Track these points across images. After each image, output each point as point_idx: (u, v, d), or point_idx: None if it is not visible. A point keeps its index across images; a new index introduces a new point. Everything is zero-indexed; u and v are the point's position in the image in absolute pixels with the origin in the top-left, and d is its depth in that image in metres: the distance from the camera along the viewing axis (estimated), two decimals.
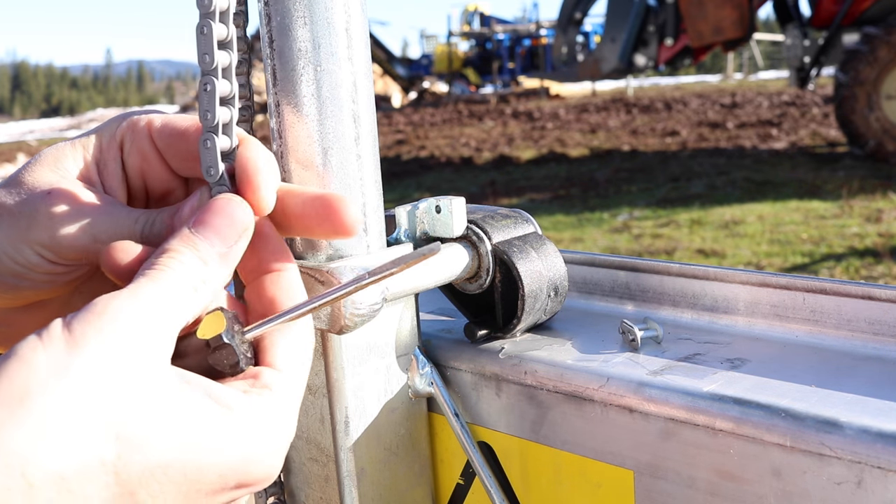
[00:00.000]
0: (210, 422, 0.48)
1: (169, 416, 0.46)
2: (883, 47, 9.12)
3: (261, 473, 0.51)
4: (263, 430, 0.50)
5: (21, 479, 0.41)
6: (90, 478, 0.43)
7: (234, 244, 0.55)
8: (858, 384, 0.69)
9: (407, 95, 27.68)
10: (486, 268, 0.84)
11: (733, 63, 31.62)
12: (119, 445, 0.44)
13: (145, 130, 0.63)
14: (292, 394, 0.54)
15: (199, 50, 0.57)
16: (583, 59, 13.66)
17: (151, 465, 0.45)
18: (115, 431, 0.44)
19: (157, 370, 0.47)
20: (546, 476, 0.80)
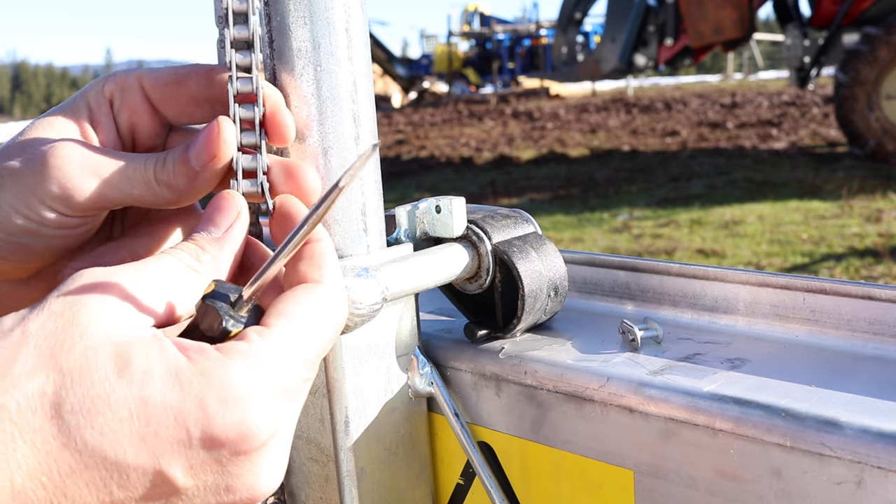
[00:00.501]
0: (161, 362, 0.46)
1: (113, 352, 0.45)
2: (883, 47, 9.11)
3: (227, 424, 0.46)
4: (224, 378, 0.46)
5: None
6: (34, 409, 0.43)
7: (228, 227, 0.57)
8: (858, 384, 0.69)
9: (407, 95, 27.68)
10: (486, 268, 0.84)
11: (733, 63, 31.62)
12: (60, 377, 0.44)
13: (136, 85, 0.64)
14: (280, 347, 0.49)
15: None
16: (583, 59, 13.67)
17: (92, 396, 0.44)
18: (59, 365, 0.44)
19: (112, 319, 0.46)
20: (546, 476, 0.80)
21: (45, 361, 0.44)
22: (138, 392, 0.44)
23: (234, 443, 0.46)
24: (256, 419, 0.47)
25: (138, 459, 0.44)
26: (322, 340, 0.53)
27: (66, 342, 0.45)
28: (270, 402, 0.48)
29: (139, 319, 0.48)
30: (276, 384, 0.48)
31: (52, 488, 0.43)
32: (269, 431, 0.48)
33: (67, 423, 0.43)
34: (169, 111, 0.65)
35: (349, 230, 0.76)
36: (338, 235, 0.76)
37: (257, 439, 0.47)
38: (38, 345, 0.45)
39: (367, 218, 0.77)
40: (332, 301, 0.54)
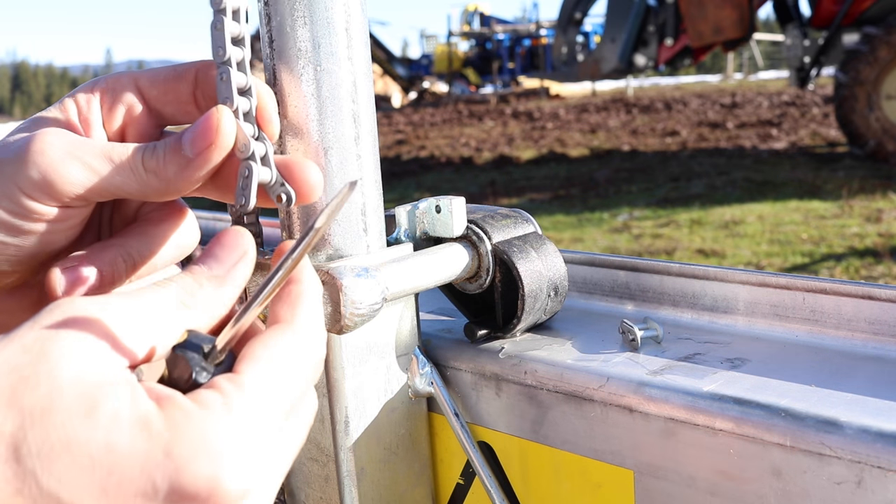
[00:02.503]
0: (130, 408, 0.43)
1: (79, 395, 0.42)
2: (883, 47, 9.11)
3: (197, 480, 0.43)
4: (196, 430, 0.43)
5: None
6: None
7: (231, 267, 0.53)
8: (858, 384, 0.69)
9: (407, 95, 27.68)
10: (486, 268, 0.84)
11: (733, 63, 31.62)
12: (20, 417, 0.41)
13: (131, 84, 0.62)
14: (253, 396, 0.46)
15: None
16: (583, 59, 13.66)
17: (52, 440, 0.40)
18: (20, 405, 0.41)
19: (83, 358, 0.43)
20: (546, 476, 0.80)
21: (5, 399, 0.41)
22: (103, 438, 0.41)
23: (204, 498, 0.43)
24: (229, 474, 0.44)
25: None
26: (297, 385, 0.49)
27: (32, 379, 0.41)
28: (244, 456, 0.45)
29: (115, 360, 0.45)
30: (250, 437, 0.46)
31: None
32: (243, 488, 0.45)
33: (24, 466, 0.40)
34: (167, 109, 0.63)
35: (349, 230, 0.76)
36: (338, 235, 0.76)
37: (228, 496, 0.44)
38: (1, 380, 0.41)
39: (367, 218, 0.77)
40: (306, 343, 0.51)
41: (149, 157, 0.58)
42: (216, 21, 0.59)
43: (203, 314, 0.51)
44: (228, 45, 0.59)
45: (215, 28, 0.59)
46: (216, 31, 0.59)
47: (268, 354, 0.49)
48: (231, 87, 0.59)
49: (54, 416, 0.41)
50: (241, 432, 0.45)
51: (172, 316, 0.49)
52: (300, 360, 0.50)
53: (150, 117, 0.63)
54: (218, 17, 0.59)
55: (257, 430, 0.46)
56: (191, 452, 0.43)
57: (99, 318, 0.45)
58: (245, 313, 0.49)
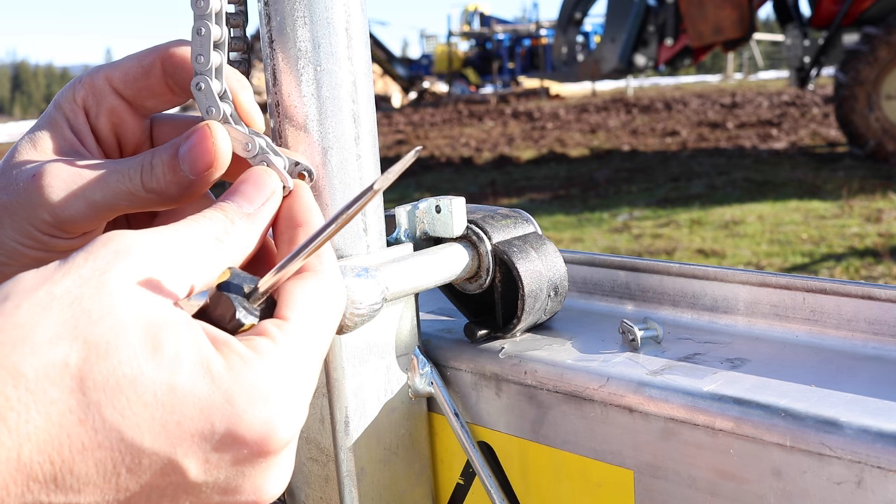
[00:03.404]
0: (187, 348, 0.44)
1: (143, 332, 0.43)
2: (883, 47, 9.11)
3: (254, 424, 0.45)
4: (252, 375, 0.45)
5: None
6: (53, 379, 0.41)
7: (260, 205, 0.55)
8: (858, 384, 0.69)
9: (407, 95, 27.68)
10: (486, 268, 0.84)
11: (733, 63, 31.63)
12: (86, 349, 0.42)
13: (108, 87, 0.63)
14: (298, 344, 0.49)
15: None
16: (583, 59, 13.67)
17: (118, 375, 0.42)
18: (84, 336, 0.42)
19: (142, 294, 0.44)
20: (546, 476, 0.80)
21: (69, 331, 0.42)
22: (167, 378, 0.43)
23: (257, 443, 0.45)
24: (284, 419, 0.46)
25: (155, 446, 0.42)
26: (331, 331, 0.52)
27: (95, 312, 0.42)
28: (296, 402, 0.47)
29: (167, 294, 0.46)
30: (300, 383, 0.48)
31: (59, 464, 0.41)
32: (293, 433, 0.47)
33: (88, 398, 0.41)
34: (148, 103, 0.64)
35: (349, 230, 0.76)
36: (338, 235, 0.76)
37: (280, 441, 0.46)
38: (63, 311, 0.42)
39: (367, 218, 0.77)
40: (335, 288, 0.53)
41: (148, 180, 0.60)
42: (199, 26, 0.58)
43: (236, 250, 0.52)
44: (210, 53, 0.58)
45: (198, 34, 0.58)
46: (199, 36, 0.58)
47: (306, 300, 0.51)
48: (213, 95, 0.59)
49: (120, 352, 0.42)
50: (292, 380, 0.47)
51: (210, 251, 0.50)
52: (332, 305, 0.52)
53: (134, 114, 0.65)
54: (202, 22, 0.58)
55: (304, 376, 0.48)
56: (249, 399, 0.45)
57: (150, 251, 0.46)
58: (291, 261, 0.50)
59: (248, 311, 0.49)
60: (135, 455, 0.42)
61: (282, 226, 0.57)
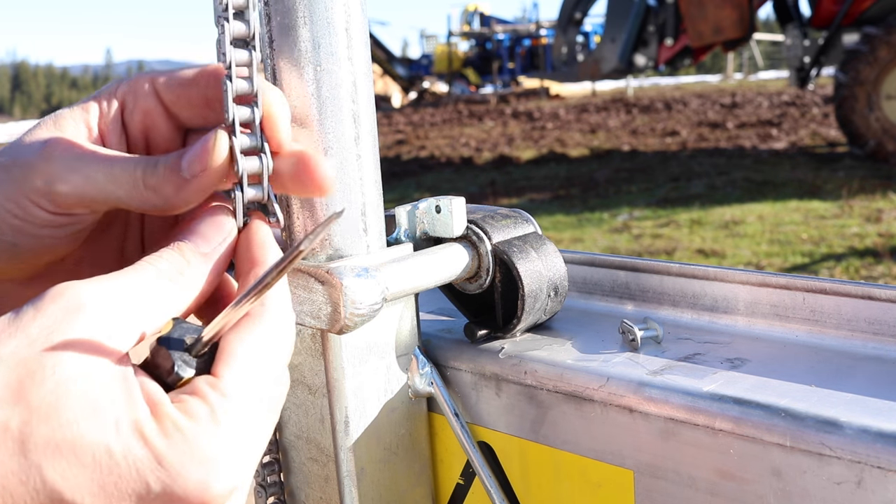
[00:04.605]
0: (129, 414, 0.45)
1: (87, 396, 0.44)
2: (883, 47, 9.11)
3: (189, 485, 0.46)
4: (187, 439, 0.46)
5: None
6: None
7: (217, 245, 0.55)
8: (858, 384, 0.69)
9: (407, 95, 27.68)
10: (486, 268, 0.84)
11: (733, 63, 31.62)
12: (29, 413, 0.42)
13: (149, 88, 0.63)
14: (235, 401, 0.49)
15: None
16: (583, 59, 13.67)
17: (58, 439, 0.43)
18: (27, 399, 0.43)
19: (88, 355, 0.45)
20: (546, 476, 0.80)
21: (12, 394, 0.43)
22: (104, 440, 0.44)
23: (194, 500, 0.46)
24: (217, 479, 0.47)
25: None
26: (274, 375, 0.52)
27: (38, 374, 0.43)
28: (232, 461, 0.48)
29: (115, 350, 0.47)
30: (236, 443, 0.49)
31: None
32: (230, 488, 0.48)
33: (29, 461, 0.42)
34: (183, 113, 0.64)
35: (349, 230, 0.76)
36: (338, 235, 0.76)
37: (217, 494, 0.47)
38: (8, 374, 0.43)
39: (367, 218, 0.77)
40: (278, 332, 0.53)
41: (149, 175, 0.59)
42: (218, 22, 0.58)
43: (191, 290, 0.52)
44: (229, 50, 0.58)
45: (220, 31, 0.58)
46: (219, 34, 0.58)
47: (244, 351, 0.51)
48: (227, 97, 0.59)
49: (60, 416, 0.43)
50: (228, 440, 0.48)
51: (165, 293, 0.51)
52: (275, 351, 0.52)
53: (169, 121, 0.64)
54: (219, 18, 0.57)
55: (243, 434, 0.49)
56: (181, 462, 0.46)
57: (101, 305, 0.47)
58: (232, 310, 0.50)
59: (186, 364, 0.49)
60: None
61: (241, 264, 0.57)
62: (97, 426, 0.44)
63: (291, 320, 0.55)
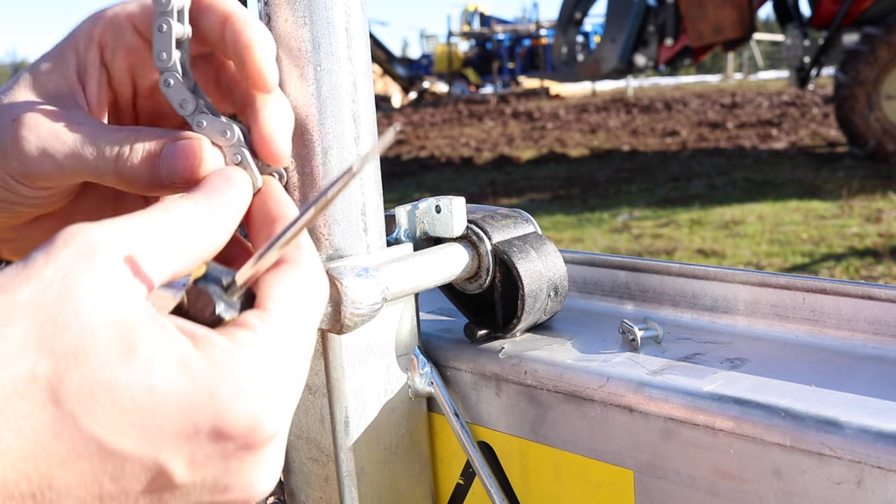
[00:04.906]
0: (163, 347, 0.42)
1: (114, 335, 0.41)
2: (883, 47, 9.12)
3: (240, 419, 0.43)
4: (235, 368, 0.43)
5: None
6: (21, 393, 0.39)
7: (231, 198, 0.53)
8: (858, 384, 0.69)
9: (407, 95, 27.68)
10: (486, 268, 0.84)
11: (733, 63, 31.62)
12: (54, 360, 0.39)
13: (127, 23, 0.60)
14: (280, 335, 0.47)
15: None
16: (583, 59, 13.68)
17: (91, 384, 0.40)
18: (51, 346, 0.39)
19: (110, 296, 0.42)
20: (546, 476, 0.80)
21: (34, 341, 0.39)
22: (143, 380, 0.41)
23: (244, 437, 0.44)
24: (270, 412, 0.45)
25: (137, 451, 0.41)
26: (315, 323, 0.50)
27: (60, 319, 0.40)
28: (282, 393, 0.46)
29: (136, 293, 0.44)
30: (285, 374, 0.46)
31: (37, 480, 0.39)
32: (280, 425, 0.46)
33: (62, 410, 0.39)
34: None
35: (349, 230, 0.76)
36: (338, 235, 0.76)
37: (267, 434, 0.45)
38: (27, 321, 0.40)
39: (367, 218, 0.77)
40: (315, 280, 0.51)
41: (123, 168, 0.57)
42: (160, 23, 0.57)
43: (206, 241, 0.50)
44: (173, 50, 0.57)
45: (160, 31, 0.57)
46: (160, 33, 0.57)
47: (286, 290, 0.49)
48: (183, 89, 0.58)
49: (91, 360, 0.40)
50: (277, 371, 0.45)
51: (179, 241, 0.48)
52: (314, 296, 0.50)
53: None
54: (163, 18, 0.56)
55: (290, 367, 0.47)
56: (233, 392, 0.43)
57: (115, 247, 0.44)
58: (268, 252, 0.48)
59: (227, 305, 0.47)
60: (116, 463, 0.41)
61: (256, 223, 0.55)
62: (133, 366, 0.41)
63: (324, 274, 0.53)
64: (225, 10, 0.58)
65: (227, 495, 0.45)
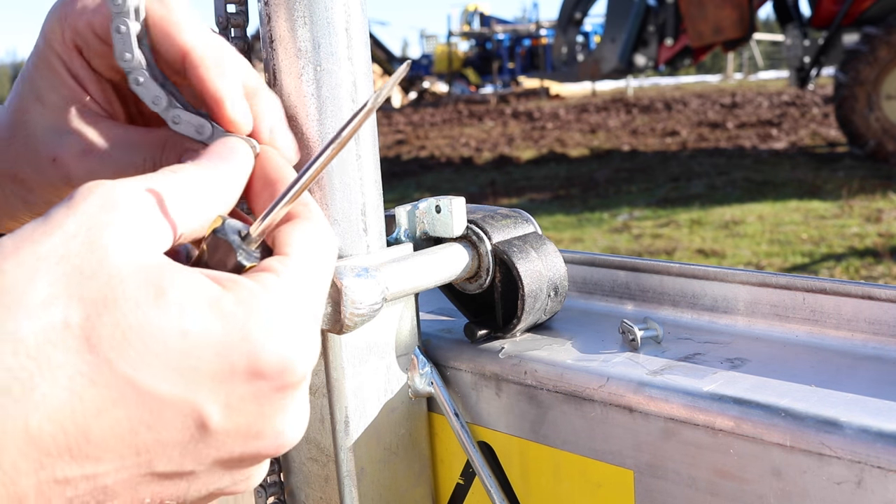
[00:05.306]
0: (194, 290, 0.42)
1: (142, 280, 0.41)
2: (883, 47, 9.12)
3: (273, 357, 0.43)
4: (265, 309, 0.44)
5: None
6: (54, 342, 0.38)
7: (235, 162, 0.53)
8: (858, 384, 0.69)
9: (407, 95, 27.68)
10: (486, 268, 0.84)
11: (733, 63, 31.62)
12: (84, 307, 0.39)
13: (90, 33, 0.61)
14: (302, 276, 0.47)
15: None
16: (583, 59, 13.69)
17: (124, 328, 0.39)
18: (80, 294, 0.39)
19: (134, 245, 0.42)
20: (546, 476, 0.80)
21: (62, 289, 0.39)
22: (176, 323, 0.40)
23: (278, 375, 0.44)
24: (301, 350, 0.45)
25: (174, 394, 0.40)
26: (329, 273, 0.51)
27: (86, 268, 0.40)
28: (308, 333, 0.46)
29: (160, 241, 0.44)
30: (309, 315, 0.47)
31: (73, 432, 0.38)
32: (310, 365, 0.46)
33: (97, 357, 0.39)
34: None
35: (349, 230, 0.76)
36: (337, 235, 0.76)
37: (299, 372, 0.45)
38: (52, 270, 0.39)
39: (366, 218, 0.77)
40: (328, 234, 0.52)
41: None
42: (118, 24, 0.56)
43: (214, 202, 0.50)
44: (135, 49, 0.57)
45: (118, 32, 0.57)
46: (119, 34, 0.57)
47: (302, 239, 0.49)
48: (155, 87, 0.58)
49: (121, 305, 0.40)
50: (303, 311, 0.46)
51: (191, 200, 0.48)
52: (327, 247, 0.51)
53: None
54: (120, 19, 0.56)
55: (312, 309, 0.47)
56: (266, 332, 0.43)
57: (135, 202, 0.44)
58: (281, 204, 0.48)
59: (248, 254, 0.47)
60: (153, 409, 0.40)
61: (257, 186, 0.56)
62: (164, 309, 0.40)
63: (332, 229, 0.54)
64: (182, 45, 0.59)
65: (259, 442, 0.45)
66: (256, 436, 0.45)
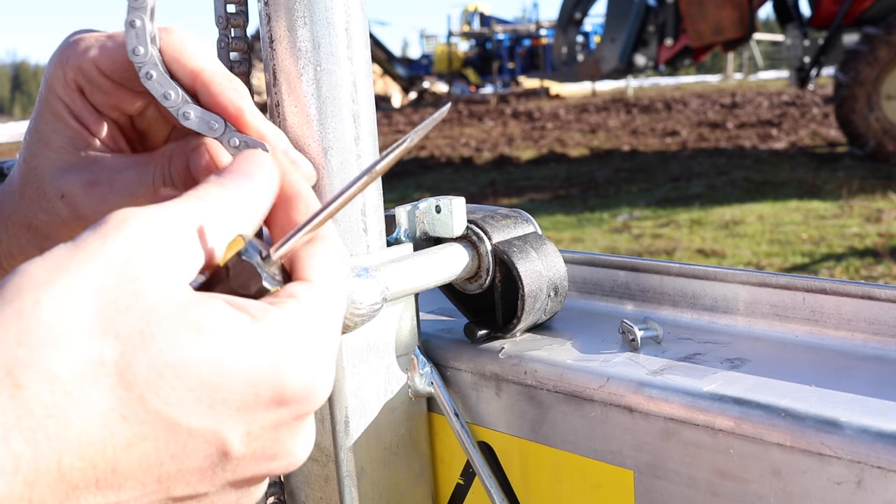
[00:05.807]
0: (228, 324, 0.42)
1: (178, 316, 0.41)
2: (883, 47, 9.11)
3: (299, 386, 0.44)
4: (292, 337, 0.44)
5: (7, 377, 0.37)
6: (89, 379, 0.38)
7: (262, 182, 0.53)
8: (858, 384, 0.69)
9: (407, 95, 27.67)
10: (486, 268, 0.84)
11: (733, 63, 31.62)
12: (120, 344, 0.39)
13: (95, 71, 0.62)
14: (325, 303, 0.48)
15: None
16: (583, 59, 13.68)
17: (159, 365, 0.40)
18: (115, 330, 0.39)
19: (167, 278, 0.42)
20: (546, 476, 0.80)
21: (98, 325, 0.39)
22: (213, 357, 0.41)
23: (302, 403, 0.45)
24: (323, 378, 0.46)
25: (202, 427, 0.41)
26: (345, 293, 0.52)
27: (121, 303, 0.40)
28: (329, 360, 0.47)
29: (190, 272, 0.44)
30: (329, 342, 0.48)
31: (102, 466, 0.39)
32: (329, 390, 0.48)
33: (130, 394, 0.39)
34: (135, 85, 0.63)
35: (349, 230, 0.76)
36: (338, 235, 0.76)
37: (320, 399, 0.46)
38: (87, 304, 0.39)
39: (367, 218, 0.77)
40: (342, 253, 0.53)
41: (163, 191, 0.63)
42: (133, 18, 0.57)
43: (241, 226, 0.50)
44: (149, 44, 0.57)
45: (132, 26, 0.57)
46: (133, 29, 0.57)
47: (324, 262, 0.50)
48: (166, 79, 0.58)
49: (158, 341, 0.40)
50: (323, 339, 0.47)
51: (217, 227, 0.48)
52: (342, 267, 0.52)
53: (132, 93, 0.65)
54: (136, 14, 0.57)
55: (332, 335, 0.48)
56: (293, 362, 0.44)
57: (164, 232, 0.44)
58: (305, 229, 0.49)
59: (271, 278, 0.48)
60: (180, 441, 0.41)
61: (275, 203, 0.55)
62: (203, 348, 0.41)
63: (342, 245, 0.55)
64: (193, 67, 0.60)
65: (273, 463, 0.46)
66: (270, 458, 0.46)
